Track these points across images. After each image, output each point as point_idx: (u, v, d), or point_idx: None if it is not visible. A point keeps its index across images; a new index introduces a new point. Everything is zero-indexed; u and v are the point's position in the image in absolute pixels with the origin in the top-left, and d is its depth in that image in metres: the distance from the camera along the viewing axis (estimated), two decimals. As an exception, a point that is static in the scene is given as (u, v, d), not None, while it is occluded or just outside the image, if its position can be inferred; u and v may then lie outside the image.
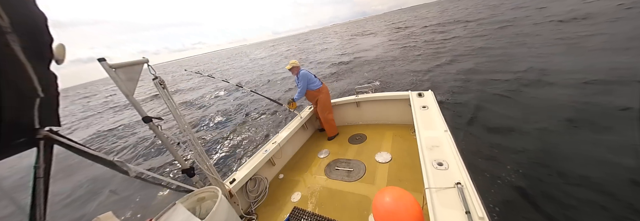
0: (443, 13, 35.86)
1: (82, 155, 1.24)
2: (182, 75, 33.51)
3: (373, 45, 17.91)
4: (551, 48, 7.08)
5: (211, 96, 12.78)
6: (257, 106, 8.78)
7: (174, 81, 26.99)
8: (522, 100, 4.42)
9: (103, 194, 4.92)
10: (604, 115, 3.37)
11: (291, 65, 3.31)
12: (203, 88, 15.94)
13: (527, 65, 6.08)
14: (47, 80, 0.91)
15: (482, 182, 2.73)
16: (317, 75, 3.56)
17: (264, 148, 2.90)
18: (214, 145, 6.27)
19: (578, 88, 4.30)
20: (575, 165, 2.69)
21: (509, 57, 7.25)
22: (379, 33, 28.17)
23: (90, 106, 21.90)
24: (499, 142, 3.44)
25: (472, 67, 7.23)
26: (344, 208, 2.17)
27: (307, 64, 16.59)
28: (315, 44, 34.85)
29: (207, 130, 7.59)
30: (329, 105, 3.52)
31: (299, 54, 26.40)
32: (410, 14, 58.01)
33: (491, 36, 11.02)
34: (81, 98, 34.46)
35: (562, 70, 5.31)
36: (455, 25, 17.94)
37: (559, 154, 2.91)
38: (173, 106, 1.68)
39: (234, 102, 10.49)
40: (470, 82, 6.05)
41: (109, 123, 11.74)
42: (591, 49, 6.14)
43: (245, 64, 29.35)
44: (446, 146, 1.76)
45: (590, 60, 5.42)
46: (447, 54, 9.64)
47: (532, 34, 9.29)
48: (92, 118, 14.92)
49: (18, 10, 0.69)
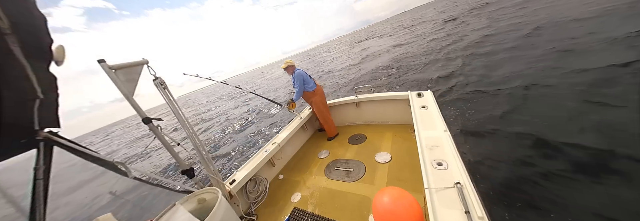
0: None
1: (82, 157, 1.24)
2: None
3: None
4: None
5: (211, 97, 12.77)
6: (257, 107, 8.79)
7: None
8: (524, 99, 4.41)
9: (103, 195, 4.91)
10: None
11: (286, 64, 3.32)
12: (202, 89, 15.93)
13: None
14: (47, 81, 0.91)
15: (482, 182, 2.73)
16: (337, 83, 3.55)
17: (264, 148, 2.90)
18: (214, 145, 6.26)
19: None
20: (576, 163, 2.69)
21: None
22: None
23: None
24: (499, 141, 3.44)
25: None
26: (344, 209, 2.17)
27: (325, 74, 16.21)
28: (322, 56, 34.38)
29: (207, 131, 7.58)
30: (325, 107, 3.53)
31: (314, 67, 26.22)
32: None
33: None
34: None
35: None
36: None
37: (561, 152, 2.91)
38: (174, 107, 1.68)
39: (234, 103, 10.48)
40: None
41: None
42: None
43: (263, 82, 28.57)
44: (446, 146, 1.76)
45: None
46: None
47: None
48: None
49: (18, 12, 0.69)
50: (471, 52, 7.89)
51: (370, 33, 39.36)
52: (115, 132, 42.56)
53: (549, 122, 3.34)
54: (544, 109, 3.71)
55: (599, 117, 3.18)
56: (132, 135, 21.78)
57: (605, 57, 4.36)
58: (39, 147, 1.06)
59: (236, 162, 5.04)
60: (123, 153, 11.54)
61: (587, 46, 5.12)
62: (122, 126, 58.35)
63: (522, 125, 3.48)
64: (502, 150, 3.21)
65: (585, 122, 3.15)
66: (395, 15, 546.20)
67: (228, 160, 5.18)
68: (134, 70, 1.44)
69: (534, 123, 3.40)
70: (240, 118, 8.72)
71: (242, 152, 5.48)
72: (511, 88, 4.59)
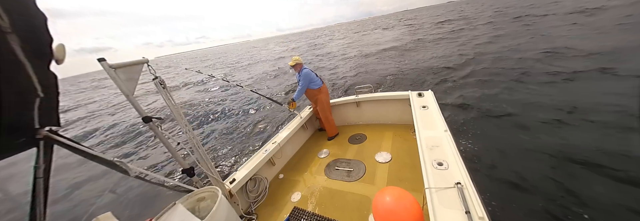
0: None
1: (82, 155, 1.24)
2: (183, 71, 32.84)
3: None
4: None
5: (210, 96, 12.78)
6: (257, 106, 8.79)
7: (179, 76, 26.24)
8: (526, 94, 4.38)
9: (103, 194, 4.91)
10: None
11: (294, 61, 3.27)
12: (202, 87, 15.90)
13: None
14: (47, 80, 0.91)
15: (482, 182, 2.73)
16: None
17: (264, 148, 2.90)
18: (213, 145, 6.27)
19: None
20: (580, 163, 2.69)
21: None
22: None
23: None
24: (501, 140, 3.44)
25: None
26: (344, 208, 2.17)
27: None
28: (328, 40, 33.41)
29: (207, 130, 7.59)
30: (328, 105, 3.52)
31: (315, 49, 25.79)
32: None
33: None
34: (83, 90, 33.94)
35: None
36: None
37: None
38: (174, 106, 1.68)
39: (234, 101, 10.49)
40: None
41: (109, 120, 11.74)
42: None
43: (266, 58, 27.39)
44: (446, 146, 1.76)
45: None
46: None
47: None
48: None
49: (18, 11, 0.69)
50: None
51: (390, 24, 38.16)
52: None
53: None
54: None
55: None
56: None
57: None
58: (39, 146, 1.06)
59: (236, 162, 5.05)
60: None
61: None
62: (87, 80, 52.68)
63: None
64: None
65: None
66: (398, 12, 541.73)
67: (227, 159, 5.19)
68: (134, 69, 1.44)
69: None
70: (236, 112, 8.75)
71: (242, 151, 5.48)
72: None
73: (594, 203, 2.24)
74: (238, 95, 11.42)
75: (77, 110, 16.47)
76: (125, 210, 4.16)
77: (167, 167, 5.49)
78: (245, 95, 10.86)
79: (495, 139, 3.54)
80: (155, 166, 5.65)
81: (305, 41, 47.50)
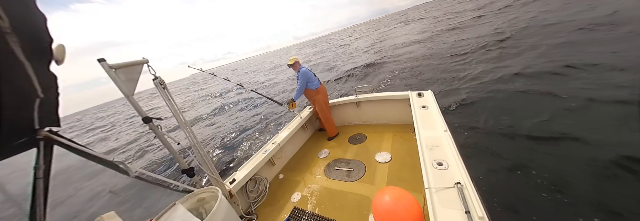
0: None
1: (83, 156, 1.24)
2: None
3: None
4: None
5: (212, 95, 12.77)
6: (257, 106, 8.79)
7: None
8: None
9: (103, 194, 4.91)
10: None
11: (292, 61, 3.30)
12: (201, 87, 15.88)
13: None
14: (47, 80, 0.91)
15: (482, 182, 2.73)
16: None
17: (264, 148, 2.90)
18: (213, 145, 6.26)
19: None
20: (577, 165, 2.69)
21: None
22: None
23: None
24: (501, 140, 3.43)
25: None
26: (344, 208, 2.17)
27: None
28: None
29: (207, 130, 7.59)
30: (327, 106, 3.52)
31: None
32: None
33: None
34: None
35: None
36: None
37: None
38: (174, 106, 1.68)
39: (234, 101, 10.49)
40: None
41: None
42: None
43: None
44: (446, 146, 1.76)
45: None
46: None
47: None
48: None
49: (18, 11, 0.69)
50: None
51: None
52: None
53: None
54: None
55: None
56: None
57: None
58: (39, 146, 1.06)
59: (236, 162, 5.05)
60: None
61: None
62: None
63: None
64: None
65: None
66: (416, 5, 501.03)
67: (227, 160, 5.19)
68: (134, 69, 1.44)
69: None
70: (236, 112, 8.71)
71: (242, 151, 5.48)
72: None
73: (594, 203, 2.24)
74: (238, 95, 11.42)
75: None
76: (125, 210, 4.16)
77: (167, 167, 5.49)
78: (246, 95, 10.87)
79: (496, 139, 3.53)
80: (155, 166, 5.65)
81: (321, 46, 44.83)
